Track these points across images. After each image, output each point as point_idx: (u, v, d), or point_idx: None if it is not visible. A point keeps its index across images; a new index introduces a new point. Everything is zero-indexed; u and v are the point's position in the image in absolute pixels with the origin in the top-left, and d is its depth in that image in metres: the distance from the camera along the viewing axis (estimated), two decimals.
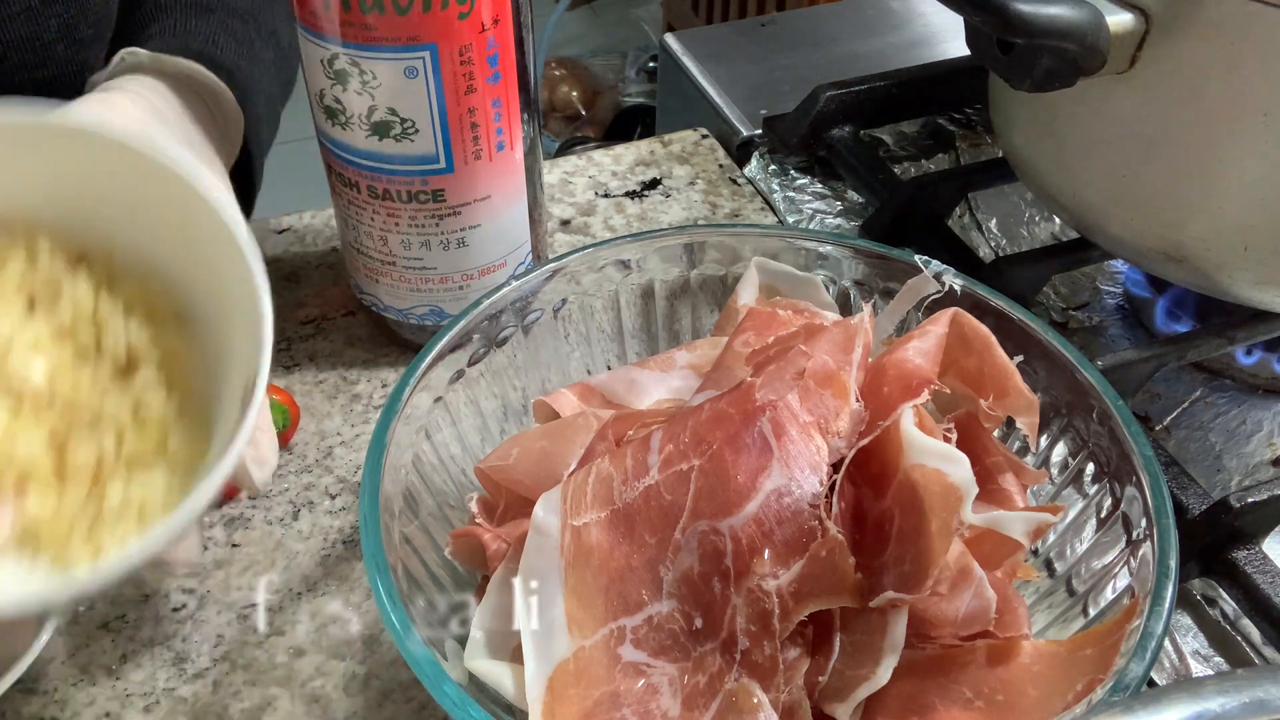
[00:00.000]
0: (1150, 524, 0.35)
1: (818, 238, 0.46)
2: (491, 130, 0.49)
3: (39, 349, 0.35)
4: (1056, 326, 0.58)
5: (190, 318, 0.39)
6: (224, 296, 0.37)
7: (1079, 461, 0.41)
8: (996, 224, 0.68)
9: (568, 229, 0.66)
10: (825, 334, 0.38)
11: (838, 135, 0.69)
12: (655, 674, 0.34)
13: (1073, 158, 0.52)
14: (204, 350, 0.38)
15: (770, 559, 0.33)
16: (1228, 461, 0.53)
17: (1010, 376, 0.39)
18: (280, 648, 0.44)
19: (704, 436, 0.35)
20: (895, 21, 0.86)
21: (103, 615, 0.45)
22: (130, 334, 0.37)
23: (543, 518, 0.36)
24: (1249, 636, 0.45)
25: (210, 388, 0.38)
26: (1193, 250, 0.49)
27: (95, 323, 0.37)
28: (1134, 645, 0.32)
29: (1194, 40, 0.45)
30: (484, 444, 0.44)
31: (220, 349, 0.37)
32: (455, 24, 0.45)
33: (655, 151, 0.73)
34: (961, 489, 0.33)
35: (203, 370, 0.38)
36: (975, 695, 0.34)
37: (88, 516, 0.34)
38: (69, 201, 0.37)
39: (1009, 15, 0.43)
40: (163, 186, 0.36)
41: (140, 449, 0.36)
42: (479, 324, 0.43)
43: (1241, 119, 0.45)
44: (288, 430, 0.51)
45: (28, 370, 0.34)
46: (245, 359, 0.35)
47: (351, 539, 0.48)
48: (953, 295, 0.42)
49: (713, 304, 0.48)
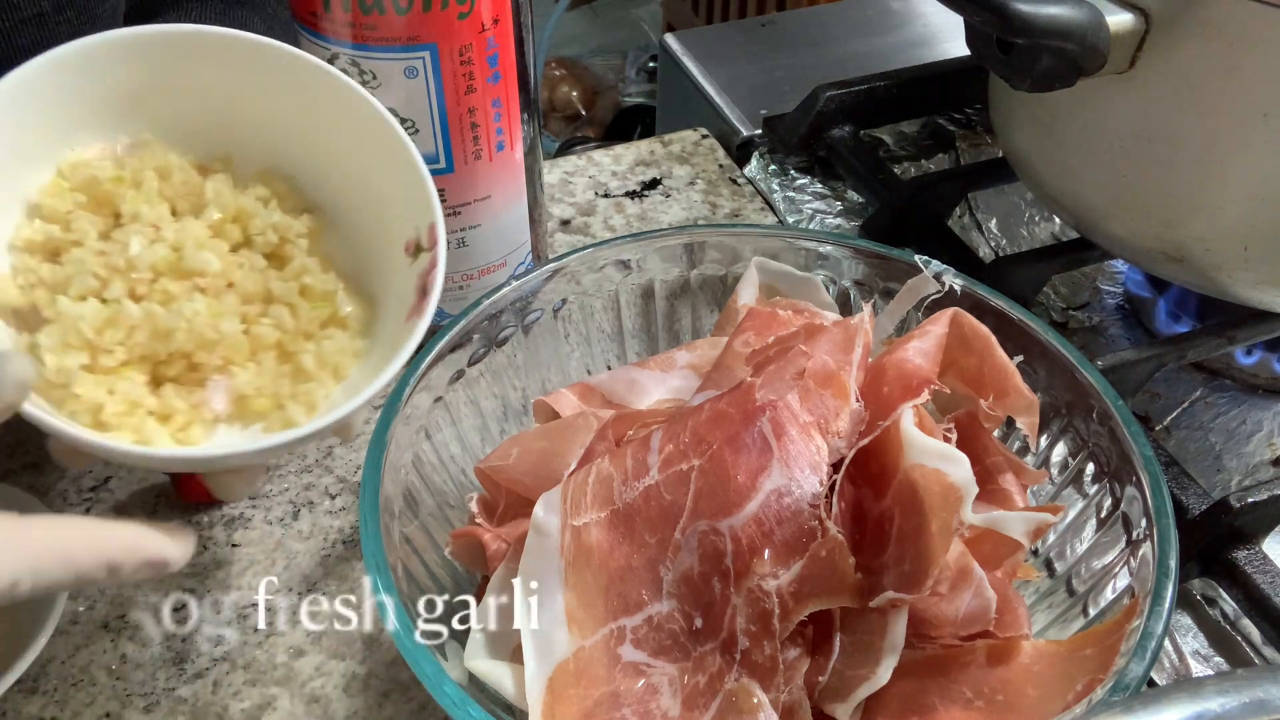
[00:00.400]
0: (1150, 524, 0.35)
1: (818, 238, 0.46)
2: (491, 130, 0.49)
3: (204, 246, 0.39)
4: (1056, 326, 0.58)
5: (317, 208, 0.43)
6: (365, 175, 0.42)
7: (1079, 461, 0.41)
8: (996, 224, 0.68)
9: (568, 229, 0.66)
10: (825, 334, 0.38)
11: (838, 135, 0.69)
12: (655, 674, 0.34)
13: (1073, 158, 0.52)
14: (342, 231, 0.43)
15: (770, 559, 0.33)
16: (1228, 461, 0.53)
17: (1010, 376, 0.39)
18: (280, 648, 0.44)
19: (704, 436, 0.35)
20: (895, 21, 0.86)
21: (103, 615, 0.45)
22: (274, 221, 0.41)
23: (543, 518, 0.36)
24: (1249, 636, 0.45)
25: (358, 261, 0.43)
26: (1193, 250, 0.49)
27: (239, 219, 0.41)
28: (1134, 645, 0.32)
29: (1194, 40, 0.45)
30: (484, 444, 0.44)
31: (364, 224, 0.43)
32: (455, 24, 0.45)
33: (655, 151, 0.73)
34: (961, 489, 0.33)
35: (346, 248, 0.43)
36: (975, 695, 0.34)
37: (290, 382, 0.39)
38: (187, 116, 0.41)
39: (1009, 15, 0.43)
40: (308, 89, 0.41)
41: (313, 319, 0.40)
42: (479, 324, 0.43)
43: (1241, 119, 0.45)
44: None
45: (204, 263, 0.38)
46: (404, 221, 0.41)
47: (351, 539, 0.48)
48: (953, 295, 0.42)
49: (713, 304, 0.48)
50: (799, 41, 0.83)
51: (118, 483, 0.50)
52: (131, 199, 0.38)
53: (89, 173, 0.38)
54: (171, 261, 0.38)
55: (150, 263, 0.37)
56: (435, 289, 0.39)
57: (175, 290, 0.38)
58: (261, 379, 0.39)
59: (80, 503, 0.49)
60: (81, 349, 0.36)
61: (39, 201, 0.38)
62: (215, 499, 0.49)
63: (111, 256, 0.37)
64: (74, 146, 0.39)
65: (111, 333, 0.36)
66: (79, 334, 0.36)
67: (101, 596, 0.46)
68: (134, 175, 0.39)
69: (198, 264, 0.38)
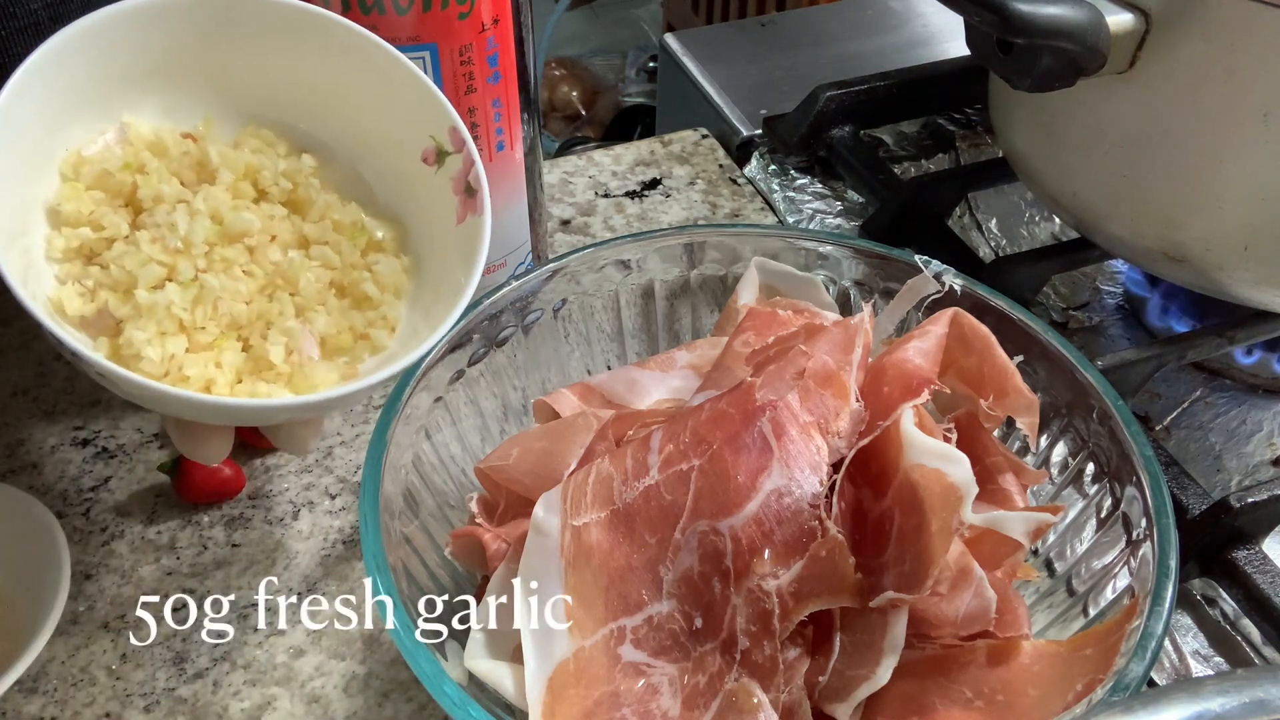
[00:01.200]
0: (1150, 524, 0.35)
1: (818, 238, 0.46)
2: (491, 130, 0.49)
3: (236, 208, 0.39)
4: (1056, 326, 0.58)
5: (311, 147, 0.43)
6: (358, 101, 0.42)
7: (1079, 461, 0.41)
8: (996, 224, 0.68)
9: (568, 229, 0.66)
10: (825, 334, 0.38)
11: (838, 135, 0.69)
12: (655, 674, 0.34)
13: (1073, 158, 0.52)
14: (344, 163, 0.43)
15: (770, 559, 0.33)
16: (1228, 461, 0.53)
17: (1010, 376, 0.39)
18: (280, 648, 0.44)
19: (704, 436, 0.35)
20: (895, 21, 0.86)
21: (103, 615, 0.45)
22: (283, 169, 0.41)
23: (543, 518, 0.36)
24: (1249, 636, 0.45)
25: (369, 187, 0.43)
26: (1193, 250, 0.49)
27: (249, 175, 0.41)
28: (1134, 645, 0.32)
29: (1194, 40, 0.45)
30: (484, 444, 0.44)
31: (369, 149, 0.43)
32: (455, 24, 0.45)
33: (655, 151, 0.73)
34: (961, 489, 0.33)
35: (352, 178, 0.43)
36: (975, 695, 0.34)
37: (359, 312, 0.40)
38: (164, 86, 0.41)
39: (1009, 15, 0.42)
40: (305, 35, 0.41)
41: (354, 250, 0.41)
42: (479, 324, 0.43)
43: (1241, 119, 0.45)
44: None
45: (247, 223, 0.39)
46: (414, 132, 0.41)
47: (351, 539, 0.48)
48: (953, 295, 0.42)
49: (713, 304, 0.48)
50: (799, 41, 0.83)
51: (118, 483, 0.50)
52: (146, 183, 0.39)
53: (98, 168, 0.38)
54: (217, 230, 0.38)
55: (203, 236, 0.38)
56: (483, 185, 0.40)
57: (232, 256, 0.38)
58: (334, 317, 0.40)
59: (80, 503, 0.49)
60: (179, 333, 0.37)
61: (58, 208, 0.38)
62: (215, 498, 0.49)
63: (165, 240, 0.38)
64: (66, 146, 0.39)
65: (201, 310, 0.37)
66: (173, 319, 0.36)
67: (101, 596, 0.46)
68: (135, 160, 0.39)
69: (241, 225, 0.39)
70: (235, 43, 0.41)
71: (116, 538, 0.48)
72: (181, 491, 0.49)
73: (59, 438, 0.52)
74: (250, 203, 0.40)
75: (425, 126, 0.41)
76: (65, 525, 0.48)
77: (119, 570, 0.47)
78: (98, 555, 0.47)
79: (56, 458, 0.52)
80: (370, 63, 0.41)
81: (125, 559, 0.47)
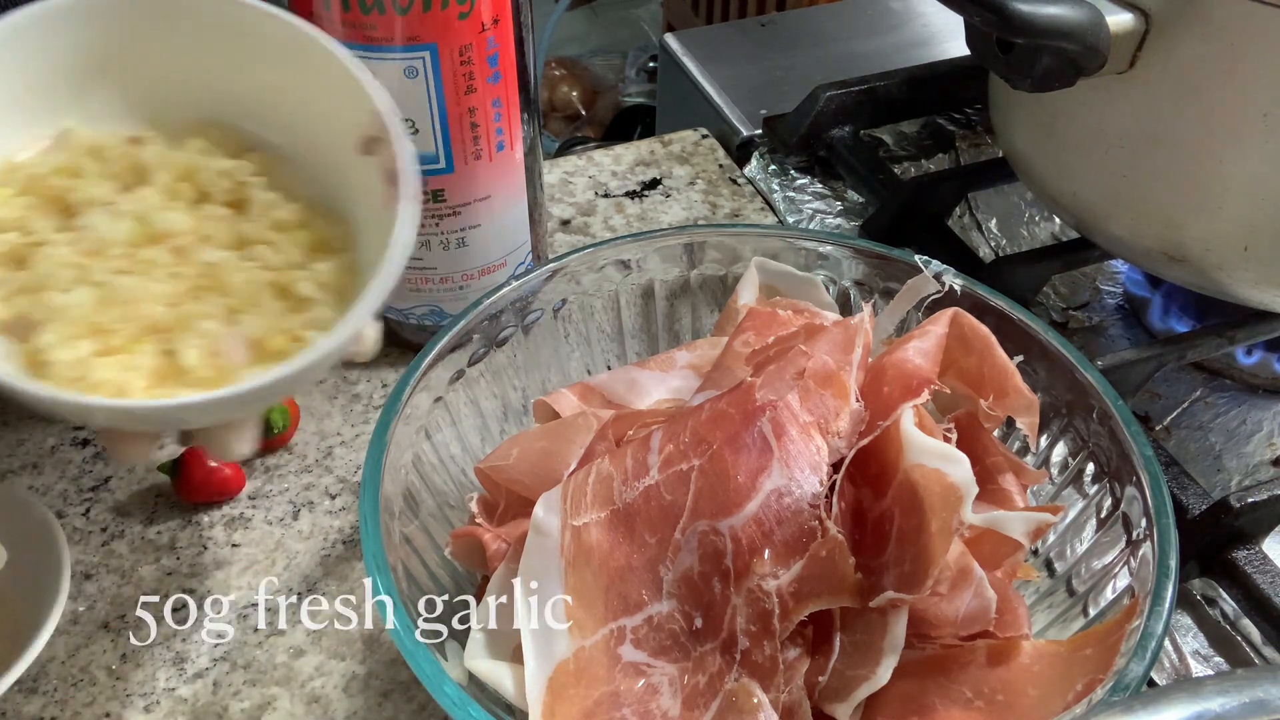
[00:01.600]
0: (1150, 524, 0.35)
1: (818, 238, 0.46)
2: (491, 130, 0.49)
3: (164, 208, 0.38)
4: (1056, 326, 0.58)
5: (262, 145, 0.42)
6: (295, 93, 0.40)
7: (1079, 461, 0.41)
8: (996, 224, 0.68)
9: (568, 229, 0.66)
10: (825, 334, 0.38)
11: (838, 135, 0.69)
12: (655, 674, 0.34)
13: (1073, 158, 0.52)
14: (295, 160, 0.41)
15: (770, 559, 0.33)
16: (1228, 461, 0.53)
17: (1010, 376, 0.39)
18: (280, 648, 0.44)
19: (704, 436, 0.35)
20: (895, 21, 0.86)
21: (103, 615, 0.45)
22: (221, 168, 0.40)
23: (543, 518, 0.36)
24: (1249, 636, 0.45)
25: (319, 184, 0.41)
26: (1193, 250, 0.49)
27: (188, 176, 0.39)
28: (1134, 645, 0.32)
29: (1194, 40, 0.45)
30: (484, 444, 0.44)
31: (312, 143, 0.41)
32: (455, 24, 0.45)
33: (655, 151, 0.73)
34: (961, 489, 0.33)
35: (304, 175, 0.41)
36: (975, 695, 0.34)
37: (296, 314, 0.38)
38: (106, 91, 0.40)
39: (1009, 15, 0.42)
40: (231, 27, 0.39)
41: (296, 249, 0.39)
42: (479, 324, 0.43)
43: (1241, 119, 0.45)
44: (288, 430, 0.51)
45: (172, 223, 0.38)
46: (344, 120, 0.39)
47: (351, 539, 0.48)
48: (953, 295, 0.42)
49: (713, 304, 0.48)
50: (799, 41, 0.83)
51: (118, 482, 0.50)
52: (80, 187, 0.38)
53: (28, 172, 0.38)
54: (141, 231, 0.37)
55: (123, 237, 0.37)
56: (405, 169, 0.37)
57: (154, 257, 0.37)
58: (268, 319, 0.37)
59: (80, 503, 0.49)
60: (87, 335, 0.35)
61: None
62: (215, 498, 0.49)
63: (83, 243, 0.36)
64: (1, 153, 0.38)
65: (110, 311, 0.35)
66: (82, 321, 0.35)
67: (101, 596, 0.46)
68: (71, 164, 0.38)
69: (166, 225, 0.37)
70: (170, 40, 0.39)
71: (116, 538, 0.48)
72: (181, 491, 0.49)
73: (59, 438, 0.52)
74: (187, 204, 0.39)
75: (353, 112, 0.39)
76: (65, 525, 0.48)
77: (119, 570, 0.47)
78: (98, 555, 0.47)
79: (56, 458, 0.52)
80: (303, 53, 0.39)
81: (125, 559, 0.47)
